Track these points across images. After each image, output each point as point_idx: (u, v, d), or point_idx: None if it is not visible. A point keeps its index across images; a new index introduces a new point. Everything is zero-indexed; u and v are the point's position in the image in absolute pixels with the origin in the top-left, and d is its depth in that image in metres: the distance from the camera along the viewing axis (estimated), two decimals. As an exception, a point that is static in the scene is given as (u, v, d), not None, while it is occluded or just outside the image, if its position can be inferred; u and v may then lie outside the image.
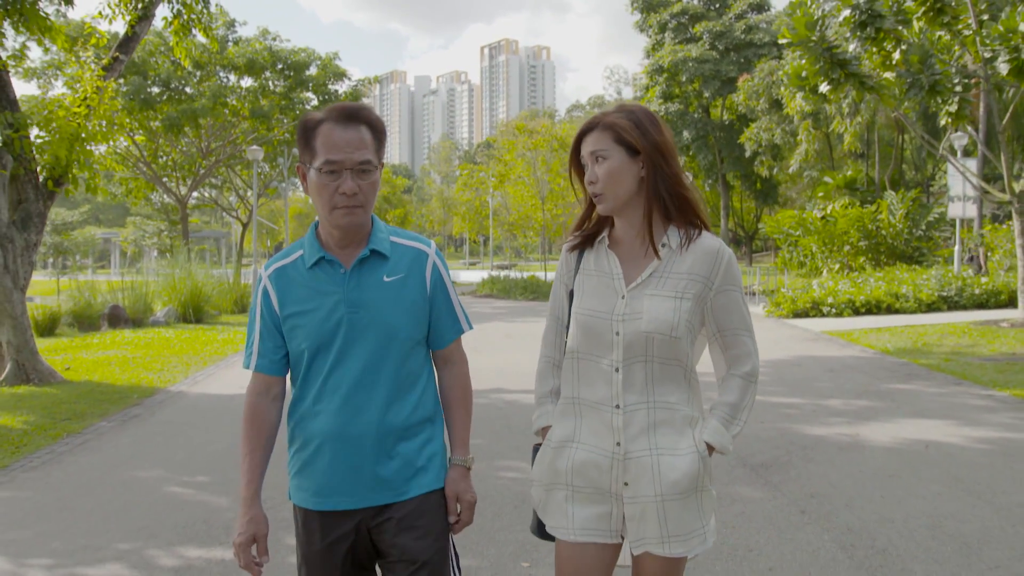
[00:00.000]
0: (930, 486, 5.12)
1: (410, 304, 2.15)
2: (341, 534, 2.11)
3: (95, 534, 4.55)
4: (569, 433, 2.19)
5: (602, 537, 2.13)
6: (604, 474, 2.12)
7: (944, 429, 6.65)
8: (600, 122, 2.14)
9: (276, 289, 2.16)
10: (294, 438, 2.19)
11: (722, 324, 2.16)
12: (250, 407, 2.21)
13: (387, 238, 2.18)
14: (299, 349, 2.14)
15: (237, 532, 2.13)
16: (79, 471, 5.97)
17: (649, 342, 2.08)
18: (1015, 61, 11.15)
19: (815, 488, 5.13)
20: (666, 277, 2.12)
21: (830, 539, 4.24)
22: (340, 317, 2.09)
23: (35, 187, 10.21)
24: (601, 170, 2.10)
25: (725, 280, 2.13)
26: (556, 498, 2.19)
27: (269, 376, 2.20)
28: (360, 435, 2.09)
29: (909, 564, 3.89)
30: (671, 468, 2.07)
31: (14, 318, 9.77)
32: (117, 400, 8.76)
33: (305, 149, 2.10)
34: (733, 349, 2.18)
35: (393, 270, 2.14)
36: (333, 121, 2.07)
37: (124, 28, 11.53)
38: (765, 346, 12.29)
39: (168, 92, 25.08)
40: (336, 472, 2.10)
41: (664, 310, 2.08)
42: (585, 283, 2.21)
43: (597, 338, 2.14)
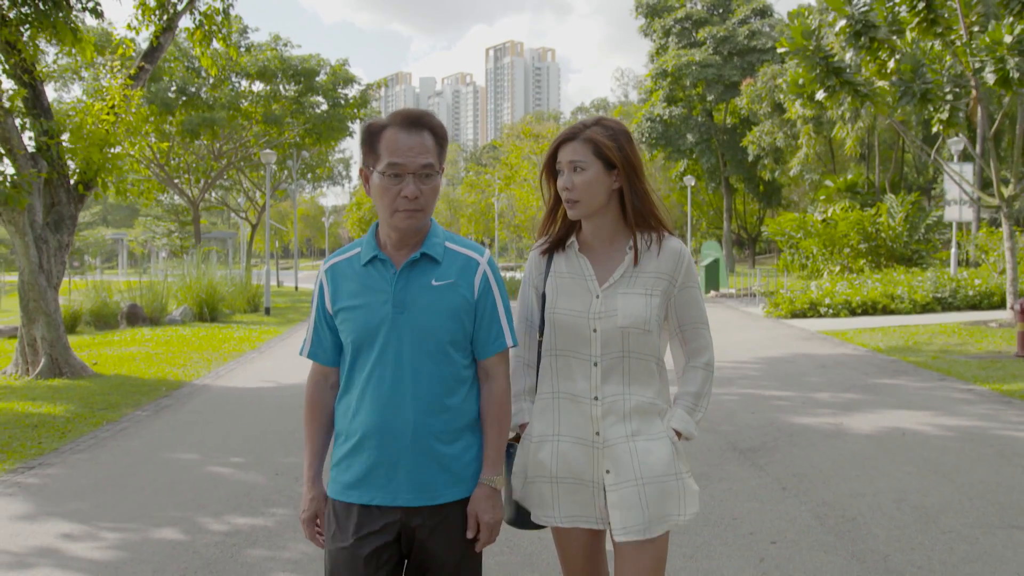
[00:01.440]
0: (902, 467, 5.63)
1: (454, 309, 2.18)
2: (373, 531, 2.15)
3: (149, 505, 5.09)
4: (549, 427, 2.31)
5: (587, 523, 2.28)
6: (586, 464, 2.26)
7: (922, 419, 7.15)
8: (580, 134, 2.26)
9: (330, 283, 2.25)
10: (338, 431, 2.27)
11: (683, 319, 2.35)
12: (309, 394, 2.32)
13: (441, 243, 2.23)
14: (346, 343, 2.22)
15: (302, 509, 2.30)
16: (124, 453, 6.50)
17: (625, 336, 2.25)
18: (1001, 71, 11.64)
19: (797, 469, 5.64)
20: (636, 276, 2.29)
21: (806, 510, 4.76)
22: (385, 315, 2.16)
23: (67, 191, 10.76)
24: (578, 179, 2.24)
25: (687, 278, 2.33)
26: (540, 489, 2.31)
27: (325, 366, 2.29)
28: (397, 433, 2.14)
29: (874, 530, 4.41)
30: (647, 452, 2.23)
31: (48, 315, 10.32)
32: (147, 392, 9.30)
33: (369, 153, 2.17)
34: (693, 342, 2.36)
35: (443, 275, 2.19)
36: (397, 126, 2.13)
37: (149, 39, 12.09)
38: (762, 344, 12.80)
39: (185, 97, 25.68)
40: (372, 468, 2.16)
41: (637, 306, 2.25)
42: (559, 285, 2.34)
43: (576, 335, 2.28)
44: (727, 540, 4.28)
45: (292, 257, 53.02)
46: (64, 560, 4.20)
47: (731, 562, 3.98)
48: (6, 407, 8.33)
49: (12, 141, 9.92)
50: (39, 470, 6.00)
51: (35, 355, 10.43)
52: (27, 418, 7.76)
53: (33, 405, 8.39)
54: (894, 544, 4.19)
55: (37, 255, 10.23)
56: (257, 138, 27.25)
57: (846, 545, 4.20)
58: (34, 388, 9.49)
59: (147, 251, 64.76)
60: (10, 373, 10.58)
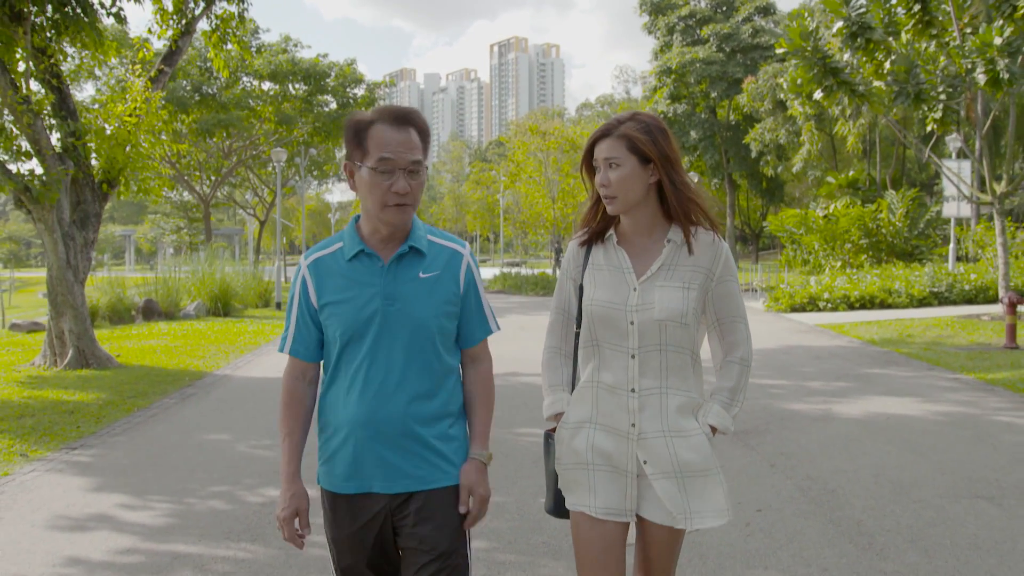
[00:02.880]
0: (883, 447, 6.07)
1: (442, 301, 2.24)
2: (370, 517, 2.21)
3: (190, 480, 5.55)
4: (586, 415, 2.34)
5: (618, 516, 2.30)
6: (621, 453, 2.28)
7: (906, 404, 7.59)
8: (615, 131, 2.28)
9: (314, 278, 2.26)
10: (325, 425, 2.28)
11: (720, 312, 2.35)
12: (287, 390, 2.32)
13: (425, 236, 2.28)
14: (333, 337, 2.24)
15: (280, 507, 2.27)
16: (158, 436, 6.97)
17: (662, 329, 2.26)
18: (991, 72, 12.03)
19: (785, 448, 6.08)
20: (673, 269, 2.30)
21: (791, 484, 5.20)
22: (375, 309, 2.19)
23: (92, 189, 11.23)
24: (614, 176, 2.26)
25: (724, 271, 2.33)
26: (577, 476, 2.34)
27: (304, 361, 2.31)
28: (387, 424, 2.18)
29: (851, 500, 4.85)
30: (685, 448, 2.25)
31: (75, 308, 10.79)
32: (172, 381, 9.77)
33: (356, 148, 2.17)
34: (730, 336, 2.36)
35: (429, 267, 2.24)
36: (385, 122, 2.16)
37: (167, 43, 12.54)
38: (761, 337, 13.22)
39: (199, 96, 26.21)
40: (363, 459, 2.19)
41: (674, 299, 2.26)
42: (596, 277, 2.36)
43: (614, 327, 2.30)
44: (717, 508, 4.72)
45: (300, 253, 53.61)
46: (119, 525, 4.66)
47: (720, 528, 4.42)
48: (41, 395, 8.80)
49: (41, 142, 10.38)
50: (82, 451, 6.47)
51: (63, 347, 10.90)
52: (63, 405, 8.23)
53: (66, 393, 8.86)
54: (868, 512, 4.63)
55: (65, 251, 10.69)
56: (267, 136, 27.77)
57: (825, 512, 4.64)
58: (64, 378, 9.96)
59: (155, 247, 65.38)
60: (39, 364, 11.06)
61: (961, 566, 3.84)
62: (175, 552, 4.21)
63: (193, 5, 12.45)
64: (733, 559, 3.96)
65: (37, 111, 10.45)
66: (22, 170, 10.73)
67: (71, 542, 4.39)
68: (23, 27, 10.21)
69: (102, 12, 11.23)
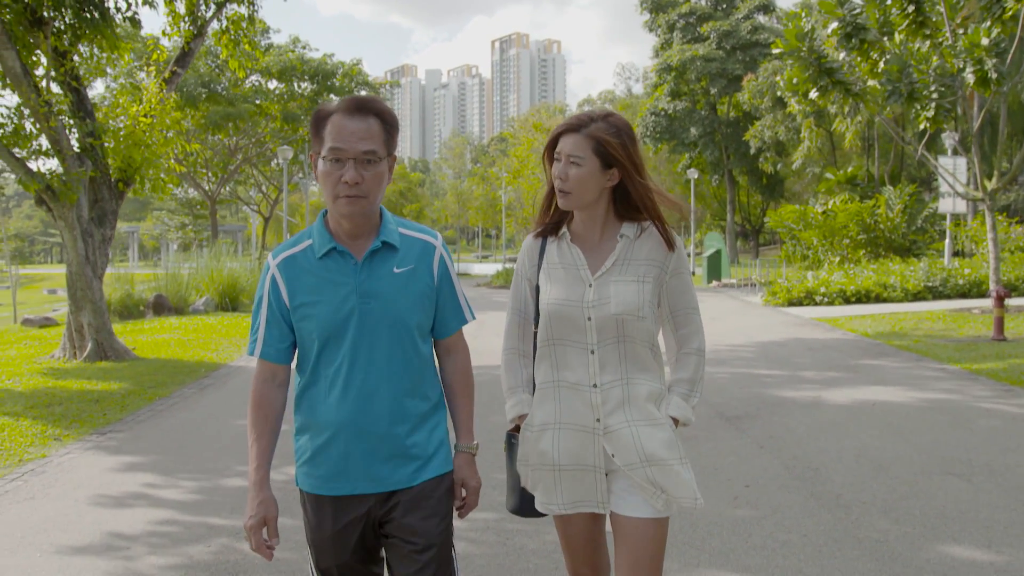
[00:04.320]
0: (867, 430, 6.44)
1: (419, 295, 2.21)
2: (354, 518, 2.18)
3: (215, 460, 5.94)
4: (549, 416, 2.34)
5: (588, 508, 2.33)
6: (587, 450, 2.30)
7: (893, 393, 7.96)
8: (584, 128, 2.27)
9: (285, 278, 2.20)
10: (304, 427, 2.24)
11: (675, 305, 2.38)
12: (257, 394, 2.26)
13: (396, 230, 2.23)
14: (310, 338, 2.18)
15: (248, 515, 2.18)
16: (181, 422, 7.36)
17: (619, 324, 2.27)
18: (979, 72, 12.38)
19: (774, 432, 6.45)
20: (627, 264, 2.32)
21: (778, 463, 5.58)
22: (352, 307, 2.14)
23: (109, 188, 11.61)
24: (573, 173, 2.25)
25: (678, 264, 2.36)
26: (543, 477, 2.35)
27: (275, 364, 2.24)
28: (372, 423, 2.15)
29: (832, 477, 5.23)
30: (650, 437, 2.27)
31: (94, 303, 11.19)
32: (189, 372, 10.16)
33: (316, 138, 2.14)
34: (684, 328, 2.39)
35: (403, 261, 2.20)
36: (343, 111, 2.11)
37: (180, 45, 12.92)
38: (757, 330, 13.60)
39: (208, 92, 26.66)
40: (349, 459, 2.16)
41: (629, 293, 2.27)
42: (551, 275, 2.36)
43: (571, 324, 2.30)
44: (707, 484, 5.09)
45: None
46: (155, 501, 5.05)
47: (709, 501, 4.79)
48: (66, 385, 9.19)
49: (61, 143, 10.76)
50: (111, 436, 6.85)
51: (82, 340, 11.29)
52: (87, 394, 8.62)
53: (89, 383, 9.25)
54: (847, 487, 5.01)
55: (84, 248, 11.08)
56: (273, 134, 28.22)
57: (807, 487, 5.02)
58: (85, 369, 10.35)
59: (159, 244, 65.80)
60: (58, 357, 11.46)
61: (927, 532, 4.21)
62: (209, 524, 4.60)
63: (204, 8, 12.82)
64: (721, 527, 4.34)
65: (58, 112, 10.82)
66: (42, 169, 11.12)
67: (113, 515, 4.78)
68: (44, 32, 10.59)
69: (118, 16, 11.60)
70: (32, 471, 5.76)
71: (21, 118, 10.85)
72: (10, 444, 6.51)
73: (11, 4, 10.17)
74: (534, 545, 4.13)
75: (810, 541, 4.12)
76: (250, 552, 4.08)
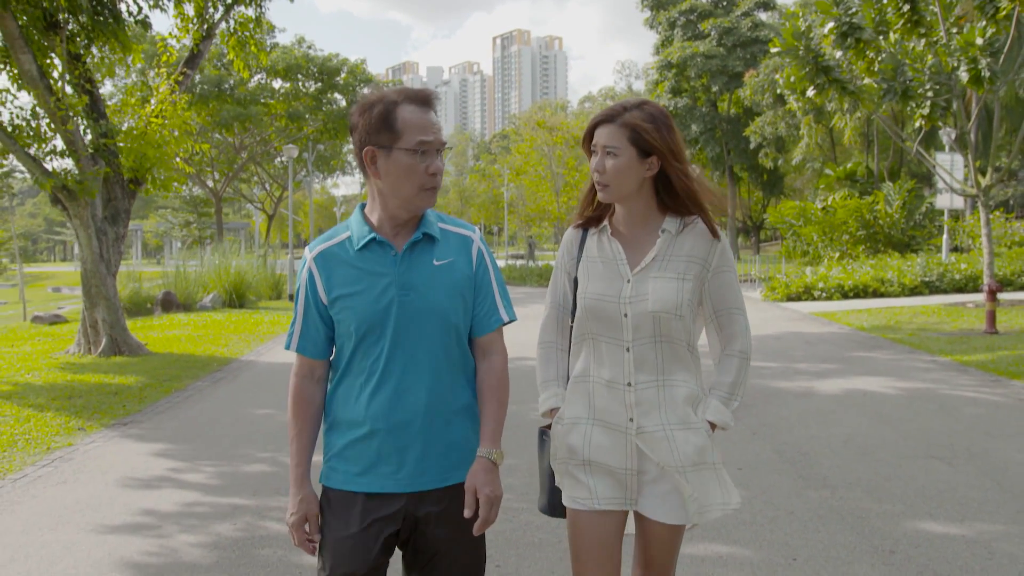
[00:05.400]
0: (856, 418, 6.73)
1: (458, 288, 2.16)
2: (382, 516, 2.11)
3: (236, 447, 6.24)
4: (582, 411, 2.29)
5: (618, 505, 2.26)
6: (618, 450, 2.24)
7: (883, 383, 8.24)
8: (618, 118, 2.21)
9: (321, 272, 2.16)
10: (335, 423, 2.19)
11: (718, 304, 2.29)
12: (296, 389, 2.22)
13: (436, 223, 2.20)
14: (347, 332, 2.14)
15: (289, 512, 2.16)
16: (198, 413, 7.66)
17: (656, 322, 2.20)
18: (972, 71, 12.65)
19: (768, 420, 6.74)
20: (668, 260, 2.24)
21: (770, 448, 5.87)
22: (391, 299, 2.10)
23: (121, 187, 11.91)
24: (610, 164, 2.20)
25: (721, 262, 2.27)
26: (573, 472, 2.29)
27: (312, 359, 2.21)
28: (408, 419, 2.10)
29: (821, 460, 5.52)
30: (685, 442, 2.20)
31: (108, 299, 11.49)
32: (201, 367, 10.46)
33: (384, 131, 2.07)
34: (728, 328, 2.31)
35: (442, 254, 2.16)
36: (415, 104, 2.08)
37: (189, 47, 13.20)
38: (756, 325, 13.81)
39: (217, 91, 27.02)
40: (382, 455, 2.11)
41: (668, 291, 2.20)
42: (590, 269, 2.31)
43: (607, 320, 2.24)
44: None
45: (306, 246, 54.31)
46: (181, 484, 5.35)
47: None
48: (84, 379, 9.49)
49: (76, 143, 11.05)
50: (132, 425, 7.16)
51: (96, 335, 11.59)
52: (106, 387, 8.92)
53: (106, 377, 9.55)
54: (834, 469, 5.30)
55: (98, 245, 11.38)
56: (278, 132, 28.56)
57: (796, 470, 5.31)
58: (101, 364, 10.65)
59: (162, 242, 66.16)
60: (73, 352, 11.75)
61: (906, 509, 4.51)
62: (234, 504, 4.90)
63: (213, 10, 13.11)
64: (713, 505, 4.63)
65: (73, 114, 11.11)
66: (56, 168, 11.40)
67: (143, 497, 5.08)
68: (59, 35, 10.89)
69: (130, 19, 11.89)
70: (61, 458, 6.06)
71: (37, 119, 11.14)
72: (37, 433, 6.81)
73: (27, 8, 10.46)
74: (540, 520, 4.42)
75: (796, 518, 4.41)
76: (273, 527, 4.39)
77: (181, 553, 4.13)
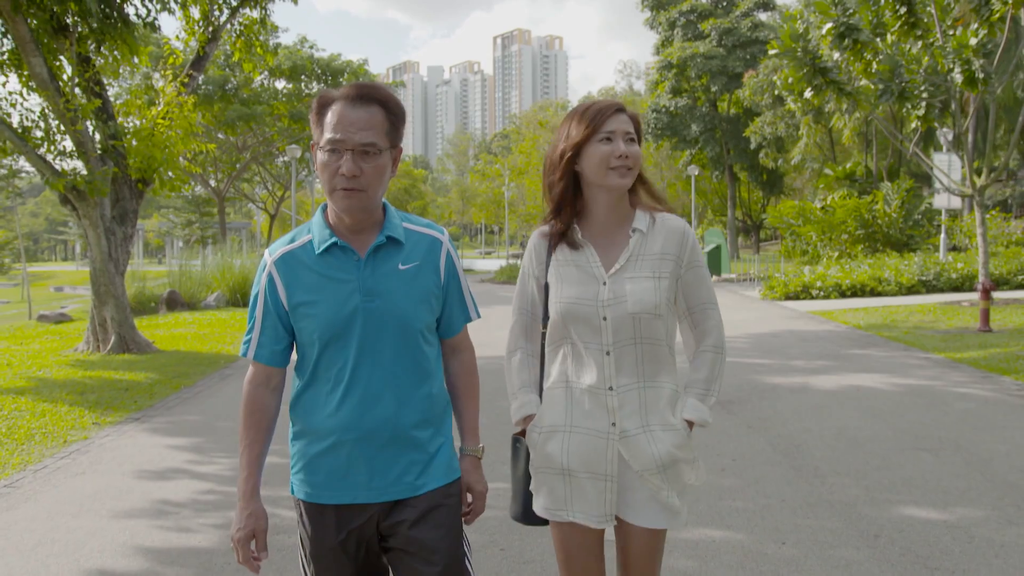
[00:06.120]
0: (849, 412, 6.93)
1: (425, 293, 2.10)
2: (356, 526, 2.07)
3: (246, 441, 6.43)
4: (559, 419, 2.25)
5: (597, 523, 2.23)
6: (600, 455, 2.20)
7: (877, 379, 8.44)
8: (626, 109, 2.25)
9: (283, 276, 2.08)
10: (302, 432, 2.11)
11: (691, 300, 2.29)
12: (249, 397, 2.14)
13: (400, 225, 2.13)
14: (310, 339, 2.07)
15: (235, 527, 2.08)
16: (209, 407, 7.86)
17: (636, 323, 2.18)
18: (967, 72, 12.85)
19: (763, 414, 6.94)
20: (641, 260, 2.22)
21: (764, 441, 6.06)
22: (355, 306, 2.03)
23: (129, 187, 12.12)
24: (633, 150, 2.20)
25: (693, 256, 2.27)
26: (551, 483, 2.25)
27: (269, 367, 2.13)
28: (376, 428, 2.04)
29: (813, 452, 5.71)
30: (663, 442, 2.19)
31: (116, 298, 11.69)
32: (209, 364, 10.66)
33: (316, 126, 2.03)
34: (701, 324, 2.30)
35: (408, 258, 2.09)
36: (345, 99, 2.00)
37: (195, 49, 13.40)
38: (754, 323, 14.09)
39: (221, 92, 27.28)
40: (352, 465, 2.05)
41: (646, 291, 2.18)
42: (562, 273, 2.26)
43: (585, 324, 2.20)
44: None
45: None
46: (194, 474, 5.55)
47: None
48: (95, 375, 9.70)
49: (86, 145, 11.25)
50: (144, 420, 7.36)
51: (105, 333, 11.80)
52: (117, 384, 9.12)
53: (117, 374, 9.76)
54: (826, 461, 5.50)
55: (107, 245, 11.58)
56: (280, 133, 28.83)
57: (789, 461, 5.51)
58: (110, 361, 10.86)
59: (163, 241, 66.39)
60: (82, 350, 11.96)
61: (892, 497, 4.70)
62: (247, 493, 5.10)
63: (218, 13, 13.30)
64: (708, 493, 4.83)
65: (83, 116, 11.31)
66: (65, 168, 11.60)
67: (158, 486, 5.28)
68: (68, 39, 11.09)
69: (138, 22, 12.09)
70: (78, 450, 6.26)
71: (46, 120, 11.34)
72: (53, 427, 7.02)
73: (36, 12, 10.66)
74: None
75: (787, 505, 4.61)
76: (285, 515, 4.59)
77: (200, 537, 4.34)
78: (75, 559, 4.07)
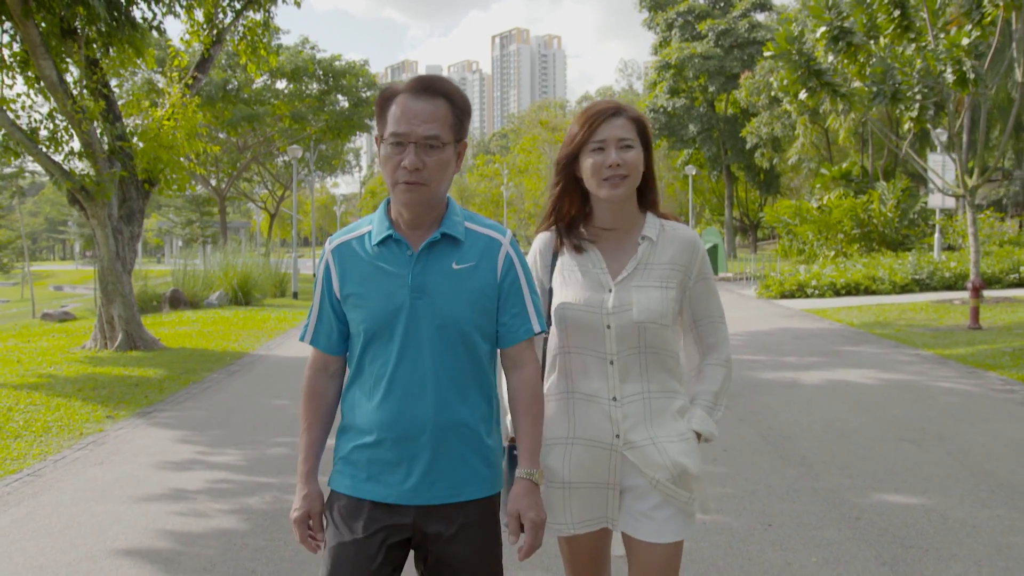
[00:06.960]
0: (837, 406, 7.18)
1: (477, 295, 2.03)
2: (384, 526, 2.02)
3: (256, 433, 6.68)
4: (561, 431, 2.18)
5: (596, 525, 2.20)
6: (601, 466, 2.15)
7: (866, 374, 8.69)
8: (626, 111, 2.16)
9: (338, 265, 2.09)
10: (346, 427, 2.11)
11: (700, 313, 2.24)
12: (308, 382, 2.16)
13: (461, 222, 2.06)
14: (356, 331, 2.07)
15: (293, 507, 2.13)
16: (218, 402, 8.10)
17: (642, 332, 2.12)
18: (958, 73, 13.11)
19: (754, 408, 7.19)
20: (650, 268, 2.17)
21: (755, 433, 6.31)
22: (401, 302, 2.00)
23: (136, 187, 12.35)
24: (629, 156, 2.13)
25: (703, 268, 2.22)
26: (550, 495, 2.19)
27: (326, 354, 2.14)
28: (416, 428, 2.00)
29: (801, 443, 5.96)
30: (671, 453, 2.13)
31: (123, 296, 11.93)
32: (215, 360, 10.90)
33: (380, 120, 2.01)
34: (710, 337, 2.25)
35: (464, 257, 2.03)
36: (409, 92, 1.98)
37: (200, 52, 13.63)
38: (749, 321, 14.33)
39: (223, 93, 27.54)
40: (388, 464, 2.02)
41: (652, 300, 2.13)
42: (567, 278, 2.21)
43: (589, 332, 2.15)
44: (691, 449, 5.83)
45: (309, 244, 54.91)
46: (208, 465, 5.79)
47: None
48: (104, 371, 9.93)
49: (94, 146, 11.49)
50: (156, 414, 7.59)
51: (112, 331, 12.03)
52: (126, 379, 9.36)
53: (126, 370, 9.99)
54: (813, 451, 5.75)
55: (115, 244, 11.81)
56: (281, 133, 29.09)
57: (778, 451, 5.76)
58: (118, 358, 11.09)
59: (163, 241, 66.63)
60: (90, 347, 12.19)
61: (874, 484, 4.96)
62: (260, 481, 5.34)
63: (222, 15, 13.53)
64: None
65: (91, 118, 11.54)
66: (74, 169, 11.83)
67: (175, 476, 5.52)
68: (76, 42, 11.32)
69: (144, 25, 12.32)
70: (94, 443, 6.50)
71: (53, 122, 11.56)
72: (68, 421, 7.25)
73: (46, 16, 10.89)
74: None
75: (773, 491, 4.86)
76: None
77: (218, 521, 4.58)
78: (102, 540, 4.31)
